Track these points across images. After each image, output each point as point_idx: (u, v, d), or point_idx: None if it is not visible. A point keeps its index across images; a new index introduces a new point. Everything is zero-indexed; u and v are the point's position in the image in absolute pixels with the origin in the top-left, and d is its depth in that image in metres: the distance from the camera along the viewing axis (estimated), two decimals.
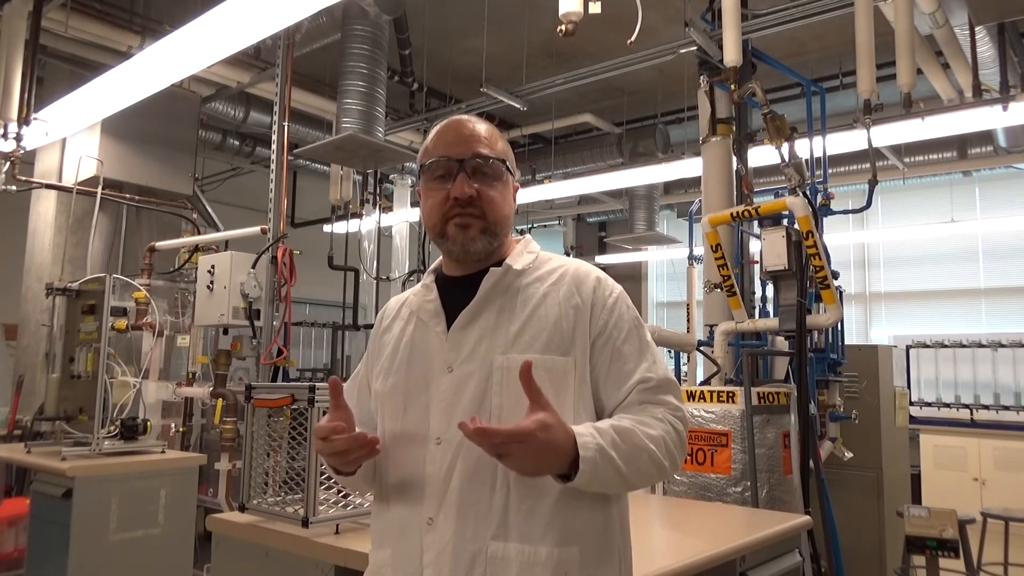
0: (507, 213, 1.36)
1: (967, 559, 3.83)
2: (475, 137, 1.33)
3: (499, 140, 1.38)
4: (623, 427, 1.21)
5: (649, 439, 1.22)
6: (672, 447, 1.25)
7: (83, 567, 3.41)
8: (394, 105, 6.49)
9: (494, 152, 1.34)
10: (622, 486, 1.24)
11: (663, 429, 1.25)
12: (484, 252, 1.32)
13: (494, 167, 1.33)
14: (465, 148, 1.32)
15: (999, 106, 4.59)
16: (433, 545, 1.21)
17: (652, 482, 1.29)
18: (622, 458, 1.17)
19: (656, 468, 1.23)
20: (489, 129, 1.37)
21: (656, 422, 1.25)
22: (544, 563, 1.18)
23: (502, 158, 1.35)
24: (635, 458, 1.19)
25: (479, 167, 1.32)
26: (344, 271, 6.16)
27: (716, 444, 3.43)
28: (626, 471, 1.18)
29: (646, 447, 1.21)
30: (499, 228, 1.33)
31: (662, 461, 1.23)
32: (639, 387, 1.28)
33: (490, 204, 1.32)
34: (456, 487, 1.22)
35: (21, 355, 5.66)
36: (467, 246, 1.31)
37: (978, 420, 6.06)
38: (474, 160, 1.31)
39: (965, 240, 8.00)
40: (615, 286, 1.36)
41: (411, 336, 1.36)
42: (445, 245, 1.34)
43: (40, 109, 4.83)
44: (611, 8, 3.32)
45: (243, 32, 3.62)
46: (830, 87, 5.99)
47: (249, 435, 2.39)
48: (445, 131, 1.36)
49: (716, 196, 4.35)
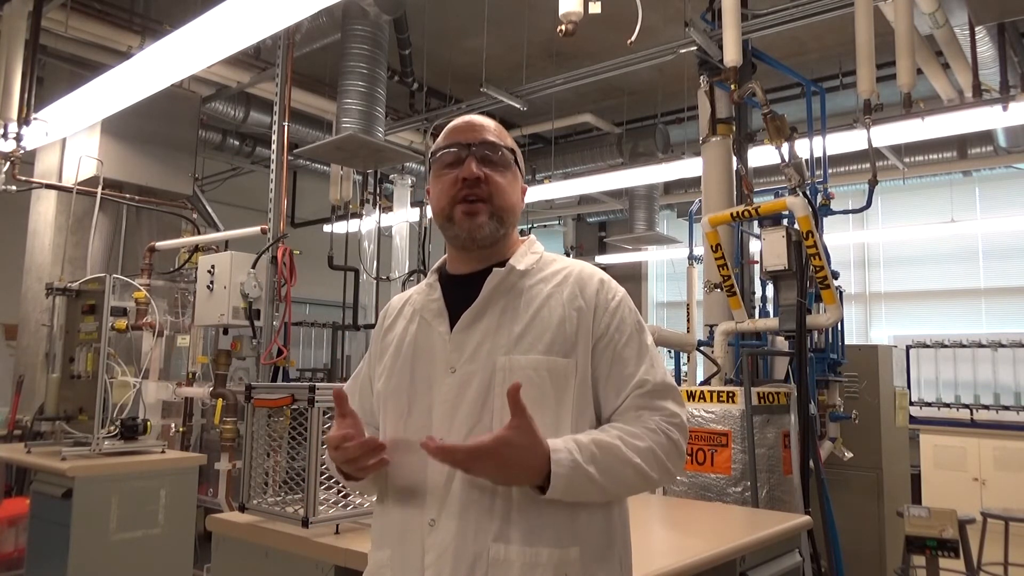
0: (514, 202, 1.37)
1: (967, 559, 3.83)
2: (485, 128, 1.37)
3: (508, 137, 1.41)
4: (605, 441, 1.21)
5: (636, 452, 1.22)
6: (663, 458, 1.24)
7: (83, 567, 3.40)
8: (394, 105, 6.49)
9: (504, 144, 1.37)
10: (602, 496, 1.24)
11: (653, 440, 1.24)
12: (491, 239, 1.33)
13: (503, 156, 1.36)
14: (475, 136, 1.35)
15: (999, 106, 4.59)
16: (435, 546, 1.21)
17: (640, 491, 1.28)
18: (601, 472, 1.18)
19: (642, 480, 1.23)
20: (498, 127, 1.40)
21: (647, 432, 1.24)
22: (545, 564, 1.19)
23: (512, 149, 1.39)
24: (615, 471, 1.20)
25: (488, 156, 1.34)
26: (344, 271, 6.17)
27: (716, 444, 3.43)
28: (605, 484, 1.19)
29: (630, 461, 1.21)
30: (505, 215, 1.34)
31: (649, 473, 1.22)
32: (636, 392, 1.27)
33: (497, 188, 1.33)
34: (458, 489, 1.22)
35: (21, 355, 5.66)
36: (473, 232, 1.31)
37: (978, 420, 6.06)
38: (483, 147, 1.34)
39: (965, 240, 8.00)
40: (618, 289, 1.37)
41: (414, 336, 1.36)
42: (452, 230, 1.34)
43: (40, 109, 4.83)
44: (611, 8, 3.32)
45: (243, 32, 3.62)
46: (830, 87, 5.99)
47: (249, 435, 2.39)
48: (454, 125, 1.40)
49: (716, 196, 4.35)
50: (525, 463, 1.14)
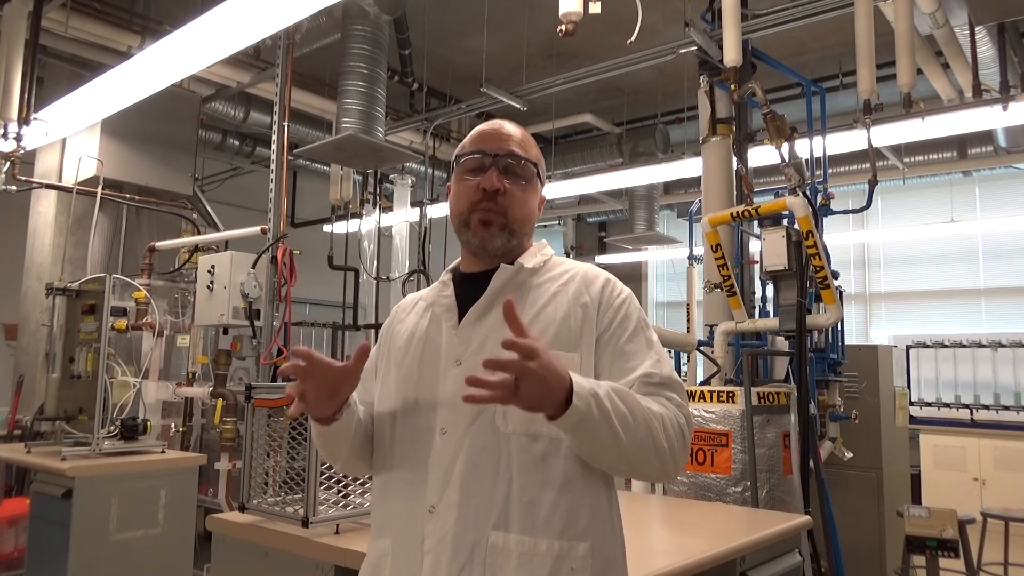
0: (529, 214, 1.39)
1: (967, 559, 3.83)
2: (511, 138, 1.38)
3: (533, 147, 1.42)
4: (624, 390, 1.20)
5: (650, 411, 1.20)
6: (672, 432, 1.21)
7: (83, 567, 3.40)
8: (394, 105, 6.49)
9: (527, 156, 1.38)
10: (614, 445, 1.16)
11: (665, 411, 1.22)
12: (502, 249, 1.36)
13: (525, 168, 1.38)
14: (500, 145, 1.37)
15: (999, 106, 4.59)
16: (434, 533, 1.23)
17: (649, 460, 1.20)
18: (617, 414, 1.14)
19: (654, 444, 1.18)
20: (524, 135, 1.42)
21: (659, 405, 1.23)
22: (544, 555, 1.19)
23: (534, 161, 1.40)
24: (631, 420, 1.16)
25: (511, 166, 1.36)
26: (344, 271, 6.16)
27: (716, 444, 3.43)
28: (620, 429, 1.14)
29: (645, 415, 1.18)
30: (519, 227, 1.37)
31: (661, 439, 1.19)
32: (641, 381, 1.27)
33: (513, 202, 1.35)
34: (459, 476, 1.23)
35: (21, 355, 5.66)
36: (486, 242, 1.35)
37: (978, 420, 6.06)
38: (507, 157, 1.36)
39: (965, 240, 8.00)
40: (624, 288, 1.39)
41: (425, 330, 1.39)
42: (466, 235, 1.37)
43: (40, 109, 4.83)
44: (611, 8, 3.32)
45: (243, 32, 3.62)
46: (830, 87, 6.00)
47: (249, 435, 2.40)
48: (483, 130, 1.41)
49: (716, 196, 4.35)
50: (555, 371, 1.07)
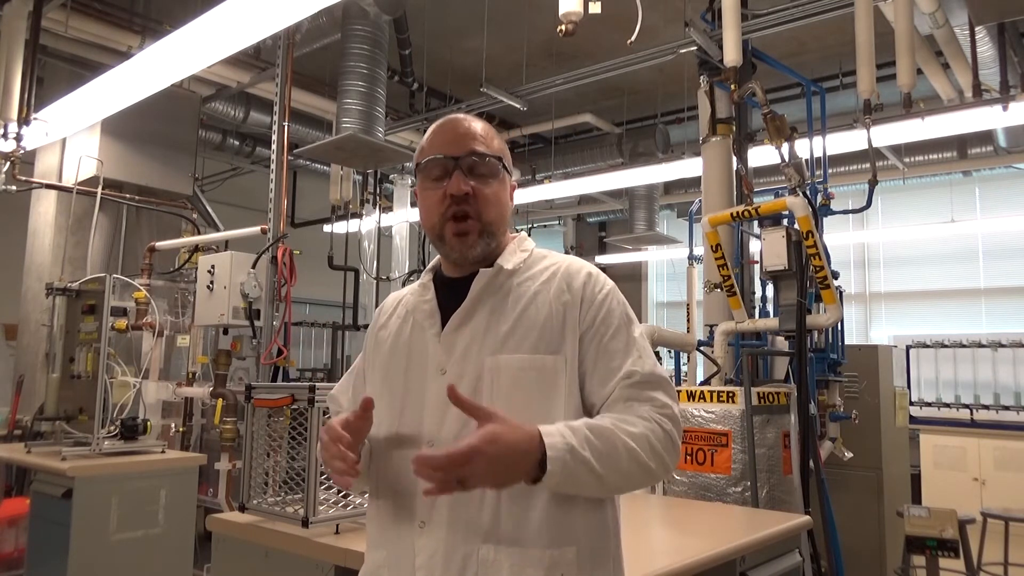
0: (503, 212, 1.35)
1: (967, 559, 3.83)
2: (471, 135, 1.33)
3: (495, 138, 1.37)
4: (600, 426, 1.17)
5: (631, 437, 1.17)
6: (658, 446, 1.19)
7: (83, 567, 3.40)
8: (394, 105, 6.49)
9: (490, 150, 1.33)
10: (600, 488, 1.18)
11: (647, 427, 1.19)
12: (482, 254, 1.32)
13: (490, 165, 1.32)
14: (461, 146, 1.31)
15: (999, 106, 4.59)
16: (425, 548, 1.21)
17: (638, 484, 1.22)
18: (597, 457, 1.12)
19: (640, 469, 1.18)
20: (485, 127, 1.36)
21: (639, 420, 1.20)
22: (536, 564, 1.18)
23: (498, 156, 1.34)
24: (613, 458, 1.14)
25: (475, 165, 1.31)
26: (344, 271, 6.17)
27: (716, 444, 3.43)
28: (602, 471, 1.13)
29: (626, 446, 1.16)
30: (495, 228, 1.33)
31: (647, 462, 1.17)
32: (623, 382, 1.24)
33: (485, 203, 1.31)
34: None
35: (21, 355, 5.66)
36: (465, 253, 1.31)
37: (978, 420, 6.06)
38: (469, 158, 1.30)
39: (965, 240, 8.00)
40: (607, 281, 1.34)
41: (407, 337, 1.36)
42: (443, 248, 1.34)
43: (40, 109, 4.83)
44: (611, 8, 3.32)
45: (243, 32, 3.62)
46: (830, 87, 5.99)
47: (249, 435, 2.39)
48: (440, 130, 1.36)
49: (716, 196, 4.35)
50: (518, 451, 1.07)
